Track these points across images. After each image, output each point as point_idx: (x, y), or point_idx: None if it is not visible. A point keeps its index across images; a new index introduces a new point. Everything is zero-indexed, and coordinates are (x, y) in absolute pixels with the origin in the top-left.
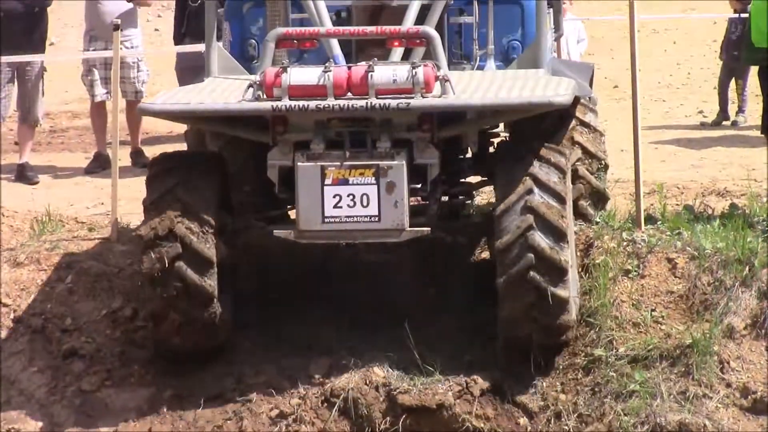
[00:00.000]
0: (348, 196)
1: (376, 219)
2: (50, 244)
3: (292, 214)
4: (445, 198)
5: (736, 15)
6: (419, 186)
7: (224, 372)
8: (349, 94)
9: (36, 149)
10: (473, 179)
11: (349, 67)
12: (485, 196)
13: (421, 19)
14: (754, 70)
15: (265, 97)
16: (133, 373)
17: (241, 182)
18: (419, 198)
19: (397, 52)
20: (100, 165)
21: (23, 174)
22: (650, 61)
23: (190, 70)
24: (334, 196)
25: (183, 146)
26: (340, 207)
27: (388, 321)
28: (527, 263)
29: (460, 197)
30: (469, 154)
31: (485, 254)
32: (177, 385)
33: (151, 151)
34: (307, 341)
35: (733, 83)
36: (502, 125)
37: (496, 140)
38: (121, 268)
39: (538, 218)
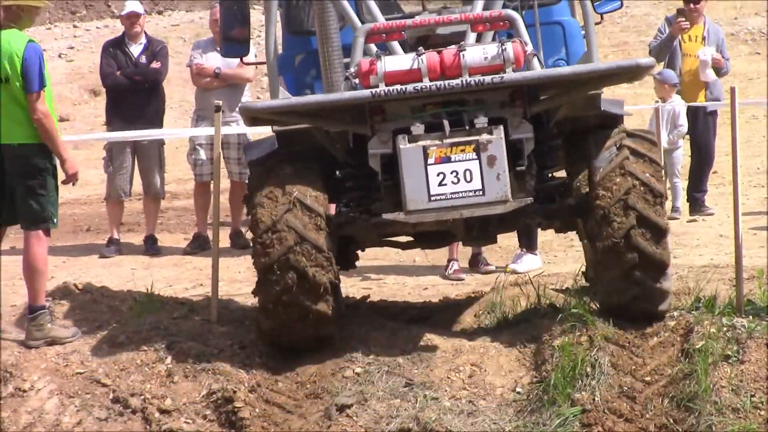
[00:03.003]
0: (451, 173)
1: (481, 193)
2: (150, 324)
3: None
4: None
5: None
6: (516, 161)
7: None
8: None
9: (134, 229)
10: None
11: (439, 51)
12: None
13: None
14: None
15: (362, 87)
16: None
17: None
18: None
19: (470, 39)
20: (199, 245)
21: (147, 246)
22: (749, 147)
23: None
24: (438, 175)
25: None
26: (445, 184)
27: (489, 403)
28: (628, 224)
29: (554, 181)
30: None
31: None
32: None
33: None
34: (409, 422)
35: None
36: None
37: None
38: (221, 349)
39: (637, 181)
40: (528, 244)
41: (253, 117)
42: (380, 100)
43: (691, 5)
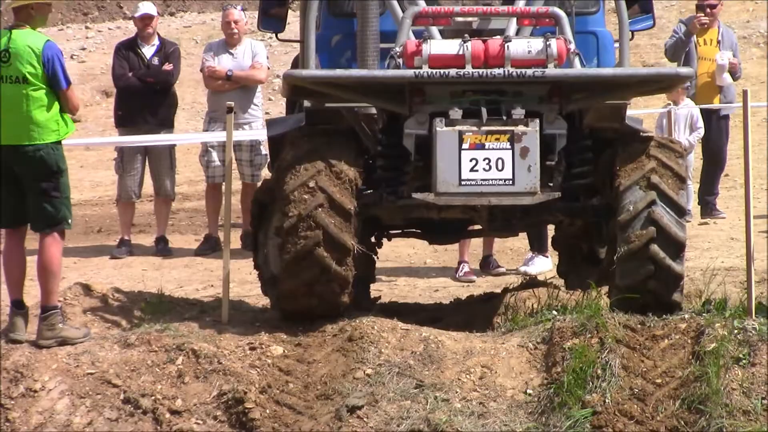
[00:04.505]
0: (484, 160)
1: (510, 182)
2: (161, 325)
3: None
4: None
5: None
6: (547, 156)
7: None
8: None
9: (145, 230)
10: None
11: (485, 40)
12: None
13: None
14: None
15: (405, 67)
16: None
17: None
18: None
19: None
20: (210, 247)
21: (158, 247)
22: (761, 150)
23: None
24: (470, 160)
25: None
26: (476, 170)
27: (500, 405)
28: (649, 236)
29: (580, 180)
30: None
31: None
32: None
33: None
34: (420, 424)
35: None
36: None
37: None
38: (232, 350)
39: (661, 194)
40: (539, 246)
41: (295, 85)
42: (422, 81)
43: (708, 9)
